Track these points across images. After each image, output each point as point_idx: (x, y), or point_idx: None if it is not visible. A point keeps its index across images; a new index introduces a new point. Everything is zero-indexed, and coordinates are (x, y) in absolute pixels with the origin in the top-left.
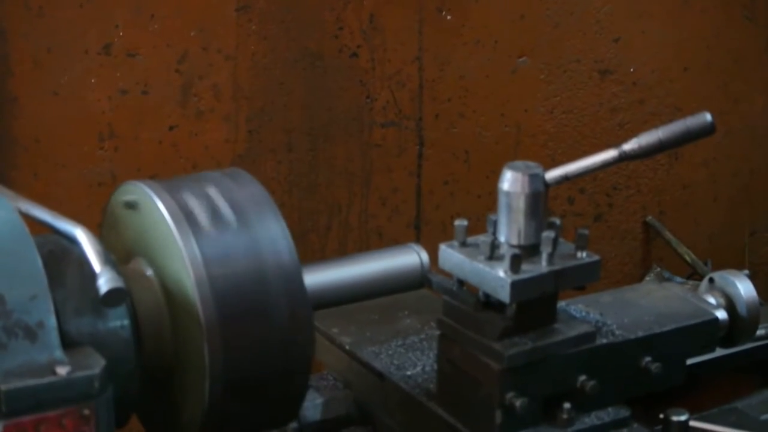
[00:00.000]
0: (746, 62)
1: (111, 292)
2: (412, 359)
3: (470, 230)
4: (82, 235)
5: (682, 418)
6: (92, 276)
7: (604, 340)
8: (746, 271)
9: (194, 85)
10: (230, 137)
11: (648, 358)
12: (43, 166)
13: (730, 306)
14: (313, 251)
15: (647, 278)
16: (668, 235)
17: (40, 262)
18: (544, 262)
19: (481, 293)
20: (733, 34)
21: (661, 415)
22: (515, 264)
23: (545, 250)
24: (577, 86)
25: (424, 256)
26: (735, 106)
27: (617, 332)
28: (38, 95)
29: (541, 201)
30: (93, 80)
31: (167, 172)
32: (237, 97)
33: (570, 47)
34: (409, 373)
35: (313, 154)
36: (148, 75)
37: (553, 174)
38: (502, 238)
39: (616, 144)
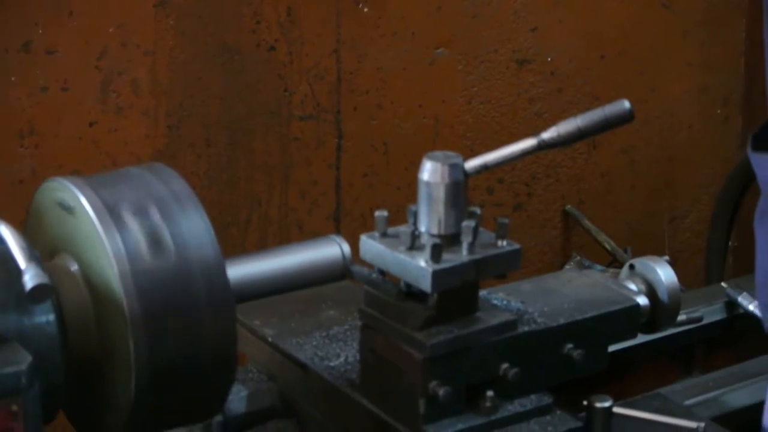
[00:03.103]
0: (663, 50)
1: (36, 288)
2: (335, 350)
3: (390, 222)
4: (5, 232)
5: (606, 404)
6: (17, 272)
7: (526, 328)
8: (666, 258)
9: (113, 81)
10: (150, 133)
11: (570, 345)
12: None
13: (651, 292)
14: (233, 245)
15: (567, 266)
16: (587, 223)
17: None
18: (464, 252)
19: (402, 283)
20: (650, 21)
21: (585, 402)
22: (436, 253)
23: (466, 240)
24: (495, 76)
25: (346, 248)
26: (652, 93)
27: (539, 320)
28: None
29: (460, 191)
30: (13, 78)
31: (88, 169)
32: (156, 92)
33: (487, 38)
34: (332, 364)
35: (232, 149)
36: (68, 72)
37: (472, 163)
38: (422, 228)
39: (534, 133)
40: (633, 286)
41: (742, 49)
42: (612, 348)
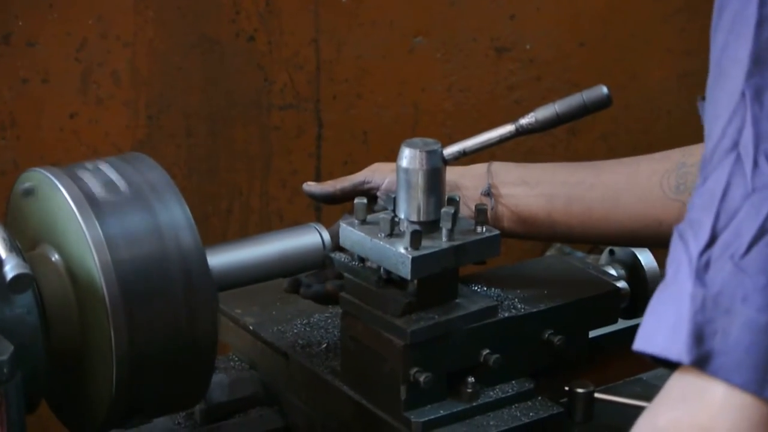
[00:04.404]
0: (642, 36)
1: (17, 278)
2: (316, 338)
3: (370, 209)
4: None
5: (587, 390)
6: None
7: (506, 314)
8: (643, 248)
9: (93, 72)
10: (130, 123)
11: (550, 331)
12: None
13: (631, 277)
14: (214, 235)
15: (547, 253)
16: None
17: None
18: (444, 238)
19: (382, 270)
20: (629, 8)
21: (566, 388)
22: (415, 240)
23: (445, 226)
24: (474, 64)
25: (326, 235)
26: (632, 80)
27: (519, 306)
28: None
29: (439, 177)
30: None
31: (69, 160)
32: (136, 83)
33: (466, 26)
34: (313, 351)
35: (212, 139)
36: (48, 64)
37: (450, 150)
38: (401, 215)
39: (513, 120)
40: (613, 272)
41: None
42: (593, 333)
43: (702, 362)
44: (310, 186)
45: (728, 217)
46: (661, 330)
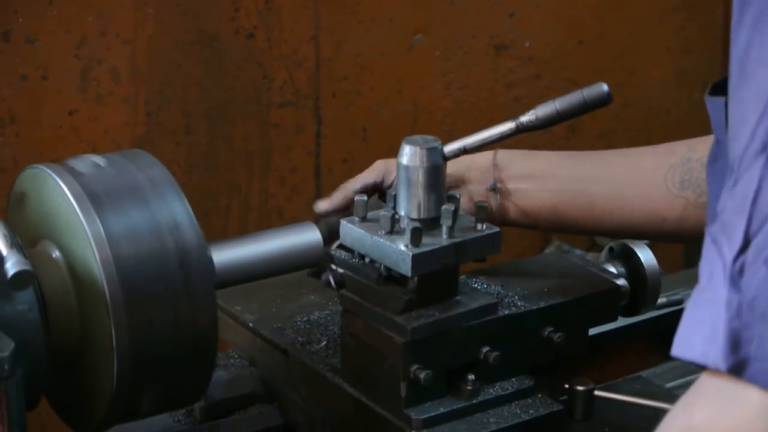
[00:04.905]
0: (641, 34)
1: (18, 275)
2: (316, 335)
3: (370, 207)
4: None
5: (587, 387)
6: None
7: (507, 311)
8: (646, 240)
9: (93, 69)
10: (129, 120)
11: (550, 328)
12: None
13: (631, 275)
14: (214, 232)
15: (547, 251)
16: None
17: None
18: (444, 235)
19: (382, 267)
20: (628, 6)
21: (566, 385)
22: (416, 237)
23: (445, 223)
24: (473, 62)
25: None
26: (631, 78)
27: (519, 303)
28: None
29: (440, 174)
30: None
31: (68, 157)
32: (135, 80)
33: (465, 23)
34: (313, 348)
35: (211, 136)
36: (48, 60)
37: (451, 147)
38: (402, 212)
39: (512, 118)
40: (613, 269)
41: (720, 33)
42: (592, 331)
43: (738, 369)
44: (322, 205)
45: (761, 220)
46: (698, 336)
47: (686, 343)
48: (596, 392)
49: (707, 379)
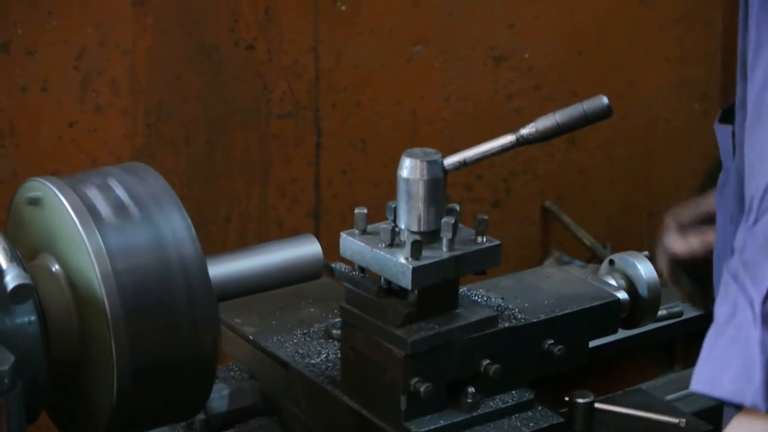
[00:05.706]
0: (639, 45)
1: (18, 289)
2: (316, 348)
3: (370, 219)
4: None
5: (587, 400)
6: None
7: (507, 324)
8: (646, 253)
9: (92, 81)
10: (129, 132)
11: (550, 341)
12: None
13: (630, 287)
14: (213, 243)
15: (546, 262)
16: (566, 219)
17: None
18: (444, 248)
19: (383, 280)
20: (627, 17)
21: (566, 398)
22: (416, 250)
23: (445, 236)
24: (472, 73)
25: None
26: (630, 88)
27: (519, 316)
28: None
29: (440, 187)
30: None
31: (68, 168)
32: (135, 91)
33: (464, 34)
34: (313, 361)
35: (211, 147)
36: (47, 72)
37: (451, 160)
38: (402, 225)
39: (512, 129)
40: (613, 282)
41: (719, 43)
42: (593, 343)
43: None
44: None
45: None
46: (727, 375)
47: (713, 381)
48: (596, 405)
49: (745, 419)
